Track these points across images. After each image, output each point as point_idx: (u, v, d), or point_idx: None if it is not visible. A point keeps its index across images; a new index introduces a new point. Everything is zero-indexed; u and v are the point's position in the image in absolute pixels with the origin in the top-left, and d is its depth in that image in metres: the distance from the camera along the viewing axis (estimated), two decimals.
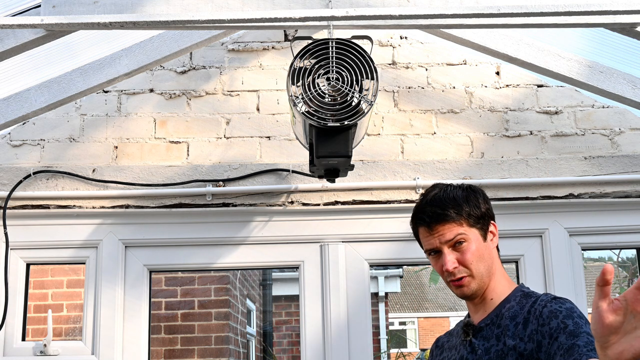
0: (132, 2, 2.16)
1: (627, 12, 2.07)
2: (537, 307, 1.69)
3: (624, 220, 2.98)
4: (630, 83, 2.86)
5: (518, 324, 1.70)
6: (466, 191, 1.80)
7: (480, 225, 1.78)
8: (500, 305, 1.77)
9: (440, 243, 1.75)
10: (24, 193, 2.94)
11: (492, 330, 1.74)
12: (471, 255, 1.74)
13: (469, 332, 1.79)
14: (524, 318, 1.69)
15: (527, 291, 1.81)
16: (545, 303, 1.68)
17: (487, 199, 1.84)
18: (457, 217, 1.74)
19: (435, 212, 1.76)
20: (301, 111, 2.29)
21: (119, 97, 3.09)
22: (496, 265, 1.83)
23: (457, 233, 1.74)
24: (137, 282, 2.95)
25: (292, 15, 2.05)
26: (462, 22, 2.32)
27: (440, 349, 1.94)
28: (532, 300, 1.73)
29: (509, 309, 1.75)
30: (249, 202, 2.97)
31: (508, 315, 1.73)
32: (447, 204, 1.76)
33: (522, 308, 1.73)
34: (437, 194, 1.79)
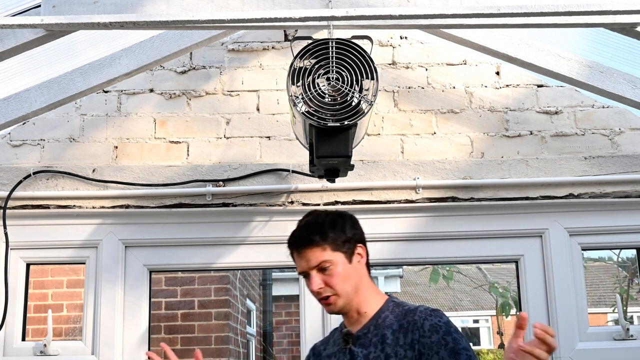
0: (132, 2, 2.16)
1: (627, 12, 2.07)
2: (417, 319, 1.83)
3: (624, 220, 2.98)
4: (630, 83, 2.86)
5: (396, 332, 1.83)
6: (334, 218, 1.94)
7: (345, 249, 1.89)
8: (376, 316, 1.90)
9: (308, 267, 1.88)
10: (24, 193, 2.94)
11: (370, 339, 1.86)
12: (336, 277, 1.86)
13: (348, 340, 1.90)
14: (403, 327, 1.83)
15: (397, 301, 1.95)
16: (425, 316, 1.83)
17: (356, 225, 1.97)
18: (321, 242, 1.87)
19: (302, 237, 1.91)
20: (301, 111, 2.29)
21: (119, 97, 3.09)
22: (364, 282, 1.93)
23: (320, 260, 1.86)
24: (137, 282, 2.95)
25: (292, 15, 2.05)
26: (462, 22, 2.32)
27: (318, 357, 2.03)
28: (406, 309, 1.88)
29: (384, 319, 1.88)
30: (249, 202, 2.97)
31: (385, 325, 1.87)
32: (314, 230, 1.89)
33: (396, 317, 1.87)
34: (308, 221, 1.94)
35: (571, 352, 2.87)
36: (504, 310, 8.53)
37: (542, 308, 2.92)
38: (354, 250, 1.92)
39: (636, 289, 8.94)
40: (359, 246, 1.94)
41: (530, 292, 2.95)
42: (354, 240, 1.93)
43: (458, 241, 3.00)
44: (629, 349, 2.89)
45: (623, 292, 7.91)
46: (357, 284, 1.91)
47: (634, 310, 15.41)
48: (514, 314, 8.35)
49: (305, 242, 1.90)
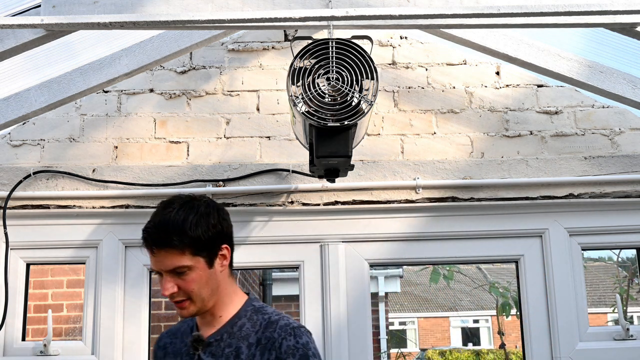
0: (132, 2, 2.16)
1: (627, 12, 2.07)
2: (275, 337, 1.71)
3: (624, 220, 2.98)
4: (630, 83, 2.86)
5: (251, 346, 1.72)
6: (198, 215, 1.72)
7: (206, 253, 1.72)
8: (231, 322, 1.77)
9: (161, 269, 1.70)
10: (24, 193, 2.94)
11: (223, 348, 1.74)
12: (192, 283, 1.70)
13: (197, 346, 1.77)
14: (261, 344, 1.71)
15: (258, 306, 1.82)
16: (285, 335, 1.71)
17: (224, 220, 1.78)
18: (180, 246, 1.67)
19: (158, 237, 1.68)
20: (301, 111, 2.29)
21: (119, 97, 3.09)
22: (224, 285, 1.78)
23: (177, 265, 1.68)
24: (137, 282, 2.95)
25: (292, 15, 2.05)
26: (462, 22, 2.32)
27: (163, 351, 1.89)
28: (266, 319, 1.76)
29: (240, 327, 1.76)
30: (249, 202, 2.97)
31: (240, 335, 1.75)
32: (173, 230, 1.67)
33: (254, 326, 1.75)
34: (167, 216, 1.71)
35: (571, 352, 2.87)
36: (504, 310, 8.53)
37: (542, 308, 2.93)
38: (217, 252, 1.75)
39: (636, 289, 8.94)
40: (223, 247, 1.77)
41: (530, 292, 2.95)
42: (219, 240, 1.75)
43: (458, 241, 3.00)
44: (629, 349, 2.89)
45: (623, 292, 7.90)
46: (216, 289, 1.76)
47: (634, 310, 15.42)
48: (514, 314, 8.35)
49: (162, 243, 1.68)
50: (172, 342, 1.88)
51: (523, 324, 2.96)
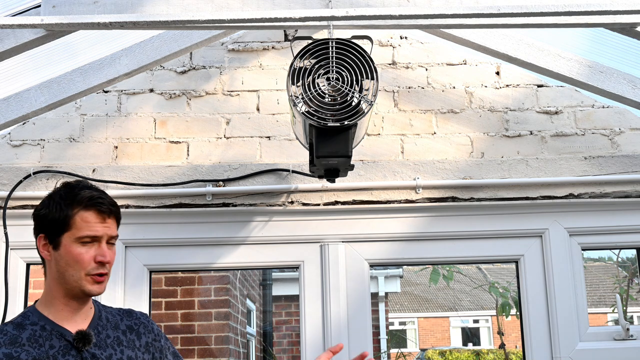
0: (132, 2, 2.16)
1: (627, 12, 2.07)
2: (144, 322, 1.90)
3: (624, 220, 2.98)
4: (630, 83, 2.86)
5: (126, 332, 1.84)
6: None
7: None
8: (97, 314, 1.84)
9: (105, 234, 1.76)
10: (24, 193, 2.94)
11: (103, 339, 1.79)
12: (114, 254, 1.80)
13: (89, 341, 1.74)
14: (133, 330, 1.86)
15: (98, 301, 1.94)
16: (149, 319, 1.92)
17: None
18: (118, 219, 1.81)
19: (113, 204, 1.80)
20: (301, 111, 2.29)
21: (119, 97, 3.09)
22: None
23: (116, 233, 1.80)
24: (137, 282, 2.95)
25: (292, 15, 2.05)
26: (462, 22, 2.32)
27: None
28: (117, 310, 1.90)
29: (106, 318, 1.84)
30: (249, 202, 2.97)
31: (111, 326, 1.84)
32: (118, 207, 1.83)
33: (113, 315, 1.87)
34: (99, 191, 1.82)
35: (571, 352, 2.87)
36: (504, 310, 8.53)
37: (542, 308, 2.93)
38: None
39: (636, 289, 8.94)
40: None
41: (530, 292, 2.95)
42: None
43: (458, 241, 3.00)
44: (629, 349, 2.89)
45: (623, 292, 7.90)
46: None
47: (634, 310, 15.42)
48: (514, 314, 8.34)
49: (115, 212, 1.80)
50: (21, 350, 1.70)
51: (523, 324, 2.96)
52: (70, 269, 1.74)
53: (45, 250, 1.77)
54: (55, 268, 1.76)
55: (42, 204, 1.82)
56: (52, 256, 1.76)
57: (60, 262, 1.75)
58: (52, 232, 1.76)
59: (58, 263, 1.75)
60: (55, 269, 1.76)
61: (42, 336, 1.74)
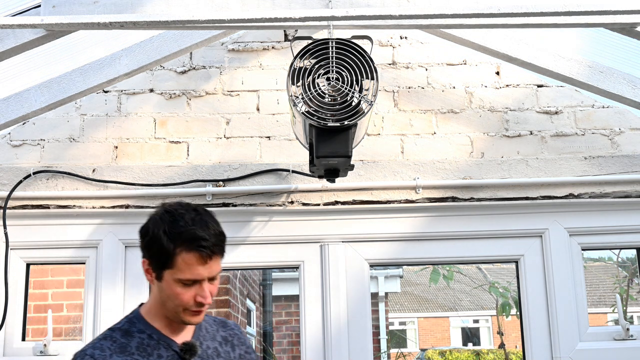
0: (132, 2, 2.16)
1: (627, 12, 2.07)
2: (238, 333, 1.90)
3: (624, 220, 2.98)
4: (630, 83, 2.86)
5: (222, 344, 1.84)
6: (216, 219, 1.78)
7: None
8: (198, 326, 1.81)
9: (207, 276, 1.69)
10: (24, 193, 2.94)
11: (205, 350, 1.78)
12: (216, 288, 1.74)
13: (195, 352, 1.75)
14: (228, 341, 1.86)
15: None
16: (241, 330, 1.91)
17: None
18: (224, 251, 1.74)
19: (219, 246, 1.71)
20: (301, 111, 2.29)
21: (119, 97, 3.09)
22: None
23: (219, 270, 1.72)
24: (137, 282, 2.95)
25: (292, 15, 2.05)
26: (462, 22, 2.32)
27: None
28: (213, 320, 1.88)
29: (205, 329, 1.83)
30: (249, 202, 2.97)
31: (209, 336, 1.83)
32: (223, 238, 1.74)
33: (211, 326, 1.86)
34: (207, 219, 1.72)
35: (571, 352, 2.87)
36: (504, 310, 8.53)
37: (542, 308, 2.93)
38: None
39: (636, 289, 8.94)
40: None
41: (530, 292, 2.95)
42: None
43: (458, 241, 3.00)
44: (629, 349, 2.89)
45: (623, 292, 7.90)
46: None
47: (633, 311, 15.41)
48: (514, 314, 8.34)
49: (220, 251, 1.71)
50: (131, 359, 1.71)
51: (523, 324, 2.96)
52: (169, 302, 1.71)
53: (148, 275, 1.74)
54: (157, 292, 1.74)
55: (145, 229, 1.76)
56: (154, 283, 1.73)
57: (161, 292, 1.72)
58: (155, 264, 1.71)
59: (160, 291, 1.72)
60: (157, 293, 1.74)
61: (150, 345, 1.73)
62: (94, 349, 1.71)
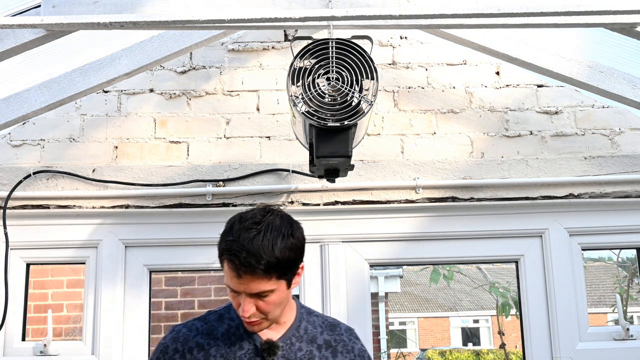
0: (132, 2, 2.16)
1: (627, 12, 2.07)
2: (345, 340, 1.77)
3: (624, 220, 2.98)
4: (630, 83, 2.86)
5: (321, 348, 1.73)
6: (286, 237, 1.62)
7: (289, 276, 1.65)
8: (295, 325, 1.75)
9: (244, 291, 1.61)
10: (24, 193, 2.94)
11: (294, 352, 1.71)
12: (272, 305, 1.64)
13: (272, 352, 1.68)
14: (330, 346, 1.74)
15: (305, 307, 1.82)
16: (353, 338, 1.78)
17: (302, 233, 1.69)
18: (268, 273, 1.58)
19: (249, 263, 1.57)
20: (301, 111, 2.29)
21: (119, 97, 3.09)
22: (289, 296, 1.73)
23: (262, 290, 1.60)
24: (137, 282, 2.95)
25: (292, 15, 2.05)
26: (462, 22, 2.32)
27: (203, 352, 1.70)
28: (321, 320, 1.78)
29: (305, 330, 1.75)
30: (249, 202, 2.97)
31: (307, 338, 1.74)
32: (263, 256, 1.57)
33: (315, 327, 1.76)
34: (256, 238, 1.59)
35: (571, 352, 2.87)
36: (504, 310, 8.54)
37: (542, 308, 2.92)
38: (296, 273, 1.69)
39: (636, 289, 8.94)
40: (301, 265, 1.70)
41: (530, 292, 2.95)
42: (299, 260, 1.68)
43: (458, 241, 3.00)
44: (629, 349, 2.89)
45: (623, 292, 7.91)
46: (286, 305, 1.72)
47: (634, 311, 15.41)
48: (514, 314, 8.35)
49: (252, 269, 1.58)
50: (213, 345, 1.72)
51: (523, 324, 2.96)
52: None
53: None
54: None
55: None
56: None
57: None
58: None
59: None
60: None
61: (235, 335, 1.72)
62: (183, 327, 1.76)
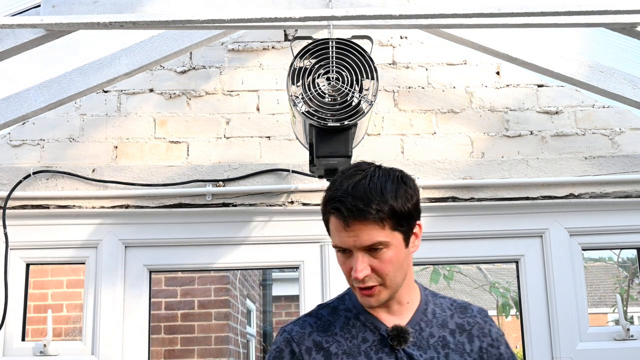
0: (132, 2, 2.15)
1: (627, 12, 2.07)
2: (480, 322, 1.56)
3: (624, 220, 2.98)
4: (631, 83, 2.86)
5: (454, 333, 1.53)
6: (396, 182, 1.46)
7: (405, 229, 1.46)
8: (421, 309, 1.55)
9: (355, 245, 1.43)
10: (24, 193, 2.94)
11: (426, 339, 1.51)
12: (389, 263, 1.44)
13: (401, 340, 1.49)
14: (465, 330, 1.54)
15: (431, 290, 1.63)
16: (487, 320, 1.57)
17: (418, 190, 1.51)
18: (380, 218, 1.41)
19: (356, 207, 1.41)
20: (301, 111, 2.29)
21: (118, 97, 3.09)
22: (410, 270, 1.54)
23: (376, 240, 1.42)
24: (137, 282, 2.95)
25: (292, 15, 2.05)
26: (462, 22, 2.31)
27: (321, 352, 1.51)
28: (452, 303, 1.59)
29: (433, 314, 1.55)
30: (249, 202, 2.97)
31: (437, 322, 1.54)
32: (373, 199, 1.41)
33: (443, 310, 1.56)
34: (362, 182, 1.44)
35: (571, 352, 2.87)
36: (504, 310, 8.53)
37: (542, 308, 2.92)
38: (413, 229, 1.49)
39: (636, 289, 8.94)
40: (418, 224, 1.51)
41: (530, 292, 2.95)
42: (416, 214, 1.49)
43: (458, 241, 3.00)
44: (629, 349, 2.88)
45: (623, 292, 7.91)
46: (407, 274, 1.51)
47: (634, 311, 15.41)
48: (514, 314, 8.34)
49: (360, 214, 1.40)
50: (333, 342, 1.52)
51: (523, 324, 2.95)
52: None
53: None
54: None
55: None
56: None
57: None
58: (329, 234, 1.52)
59: None
60: None
61: (355, 326, 1.53)
62: (294, 325, 1.57)
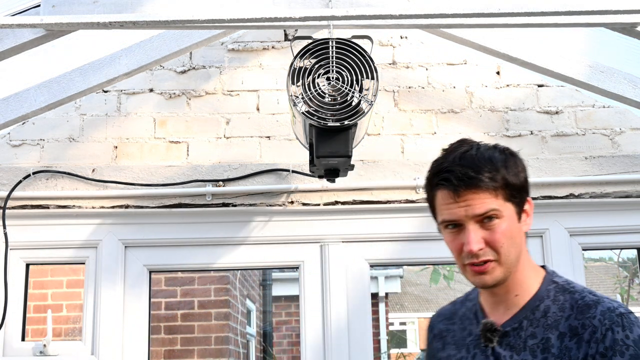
0: (132, 1, 2.15)
1: (628, 12, 2.07)
2: (597, 325, 1.34)
3: (624, 220, 2.98)
4: (631, 83, 2.86)
5: (563, 337, 1.36)
6: (504, 154, 1.43)
7: (517, 200, 1.43)
8: (531, 304, 1.43)
9: (466, 215, 1.37)
10: (24, 193, 2.94)
11: (524, 339, 1.39)
12: (502, 235, 1.39)
13: (492, 337, 1.42)
14: (576, 333, 1.36)
15: (562, 282, 1.46)
16: (610, 324, 1.34)
17: (526, 168, 1.48)
18: (493, 186, 1.37)
19: (467, 175, 1.36)
20: (301, 111, 2.29)
21: (118, 97, 3.09)
22: (525, 252, 1.47)
23: (490, 208, 1.37)
24: (137, 282, 2.95)
25: (292, 14, 2.05)
26: (462, 22, 2.31)
27: (441, 340, 1.55)
28: (578, 301, 1.40)
29: (544, 312, 1.41)
30: (249, 202, 2.97)
31: (546, 323, 1.39)
32: (483, 167, 1.37)
33: (561, 309, 1.40)
34: (469, 152, 1.40)
35: None
36: None
37: None
38: (524, 203, 1.46)
39: (637, 289, 8.94)
40: (528, 200, 1.48)
41: None
42: (527, 188, 1.47)
43: None
44: None
45: (623, 292, 7.90)
46: (520, 253, 1.44)
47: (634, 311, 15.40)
48: None
49: (472, 182, 1.36)
50: (449, 329, 1.53)
51: None
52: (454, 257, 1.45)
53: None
54: None
55: None
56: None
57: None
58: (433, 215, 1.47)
59: None
60: None
61: (468, 318, 1.51)
62: (440, 309, 1.60)
